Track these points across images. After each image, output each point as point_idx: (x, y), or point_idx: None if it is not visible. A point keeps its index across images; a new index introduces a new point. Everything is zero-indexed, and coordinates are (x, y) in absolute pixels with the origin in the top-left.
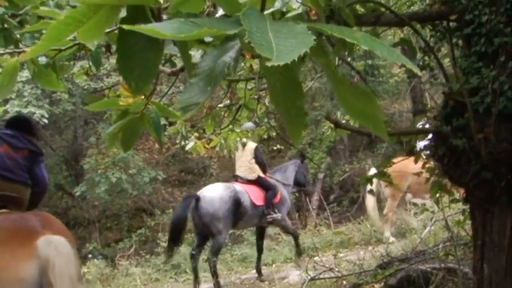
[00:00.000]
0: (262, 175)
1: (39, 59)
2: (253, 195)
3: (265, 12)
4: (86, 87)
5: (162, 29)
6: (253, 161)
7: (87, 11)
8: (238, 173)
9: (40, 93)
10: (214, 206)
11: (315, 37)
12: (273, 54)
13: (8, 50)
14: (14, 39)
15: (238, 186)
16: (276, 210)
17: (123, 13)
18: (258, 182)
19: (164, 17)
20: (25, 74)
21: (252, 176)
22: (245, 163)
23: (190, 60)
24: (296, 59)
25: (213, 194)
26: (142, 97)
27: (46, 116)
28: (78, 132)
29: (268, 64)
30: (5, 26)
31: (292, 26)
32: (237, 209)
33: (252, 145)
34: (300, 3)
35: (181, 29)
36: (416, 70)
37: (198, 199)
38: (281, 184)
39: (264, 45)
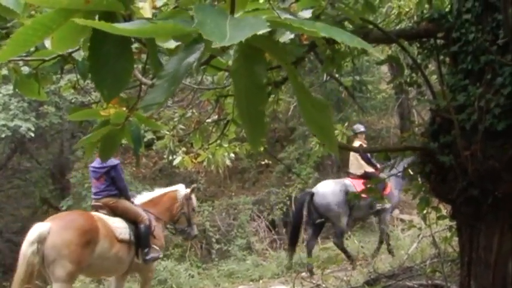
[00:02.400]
0: (369, 170)
1: (22, 68)
2: (359, 188)
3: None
4: (73, 100)
5: (129, 27)
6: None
7: (56, 17)
8: (350, 169)
9: (27, 106)
10: (327, 199)
11: (268, 24)
12: (225, 38)
13: None
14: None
15: (347, 181)
16: (386, 201)
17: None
18: (365, 177)
19: None
20: (11, 87)
21: (360, 172)
22: (354, 161)
23: (157, 60)
24: (262, 65)
25: (326, 189)
26: (124, 108)
27: (32, 129)
28: (64, 146)
29: (214, 45)
30: None
31: (251, 18)
32: (347, 200)
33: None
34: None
35: (142, 27)
36: (378, 54)
37: (312, 195)
38: (393, 178)
39: (215, 33)
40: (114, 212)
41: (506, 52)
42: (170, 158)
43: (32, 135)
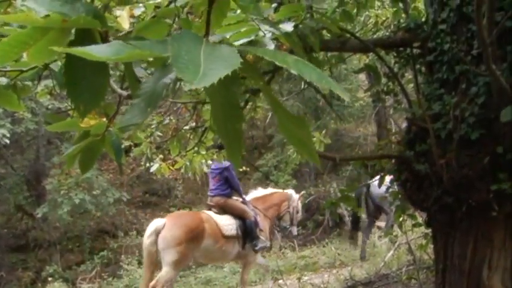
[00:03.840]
0: None
1: (0, 79)
2: None
3: (237, 43)
4: (49, 106)
5: (98, 51)
6: None
7: (33, 34)
8: None
9: (1, 112)
10: (382, 189)
11: (241, 59)
12: (197, 77)
13: None
14: None
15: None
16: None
17: (71, 35)
18: None
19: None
20: None
21: None
22: None
23: (134, 81)
24: (232, 82)
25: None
26: (104, 119)
27: (8, 135)
28: (40, 152)
29: (186, 87)
30: None
31: (225, 49)
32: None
33: None
34: (272, 38)
35: (118, 50)
36: (345, 97)
37: (369, 186)
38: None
39: (189, 69)
40: (223, 209)
41: (480, 62)
42: (147, 165)
43: (7, 141)
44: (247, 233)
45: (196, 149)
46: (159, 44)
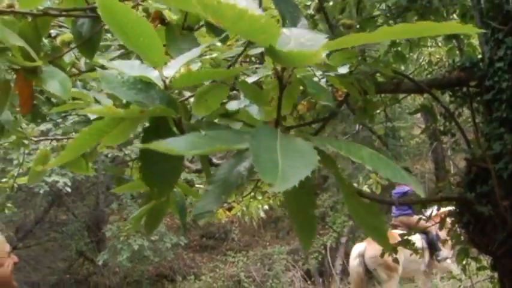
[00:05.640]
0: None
1: None
2: None
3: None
4: (109, 155)
5: (178, 145)
6: None
7: (111, 123)
8: None
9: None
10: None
11: (319, 158)
12: (276, 178)
13: (41, 138)
14: (41, 114)
15: None
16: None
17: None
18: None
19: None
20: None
21: None
22: None
23: (209, 167)
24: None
25: None
26: None
27: (69, 184)
28: (100, 198)
29: (270, 191)
30: (34, 102)
31: (300, 143)
32: None
33: None
34: (328, 85)
35: (195, 144)
36: (420, 192)
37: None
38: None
39: (268, 168)
40: (408, 227)
41: None
42: None
43: (69, 190)
44: (432, 244)
45: (252, 194)
46: (236, 136)
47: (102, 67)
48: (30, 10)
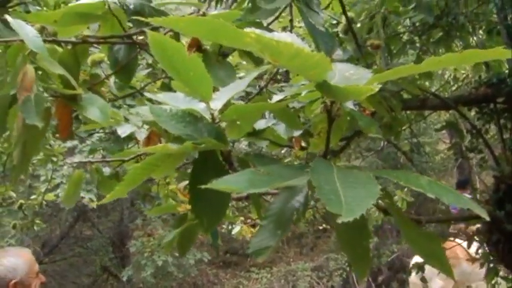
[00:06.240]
0: None
1: (104, 169)
2: None
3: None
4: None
5: (237, 184)
6: None
7: (163, 157)
8: None
9: (88, 176)
10: None
11: (380, 187)
12: (342, 209)
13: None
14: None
15: None
16: None
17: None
18: None
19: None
20: (75, 159)
21: None
22: None
23: (260, 202)
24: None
25: None
26: None
27: (94, 199)
28: (124, 214)
29: (339, 221)
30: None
31: (358, 174)
32: None
33: None
34: (355, 104)
35: (254, 182)
36: (484, 215)
37: None
38: None
39: (332, 199)
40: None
41: None
42: (229, 227)
43: (94, 206)
44: None
45: None
46: (291, 171)
47: (150, 100)
48: (69, 38)
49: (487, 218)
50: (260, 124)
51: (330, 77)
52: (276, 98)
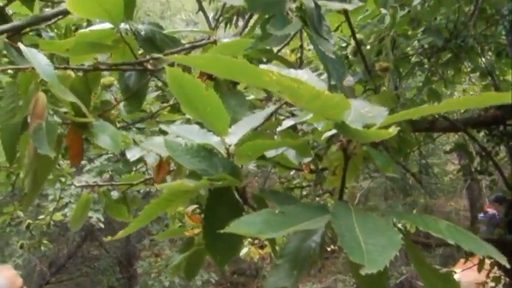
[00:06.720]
0: None
1: (112, 193)
2: None
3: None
4: (141, 190)
5: (254, 227)
6: None
7: (178, 193)
8: None
9: (95, 196)
10: None
11: (401, 235)
12: (364, 259)
13: (81, 183)
14: None
15: None
16: None
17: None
18: None
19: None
20: (83, 178)
21: None
22: None
23: (275, 244)
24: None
25: None
26: None
27: (102, 219)
28: (131, 234)
29: (362, 273)
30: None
31: (377, 220)
32: None
33: None
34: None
35: (271, 224)
36: (504, 262)
37: None
38: None
39: (354, 248)
40: None
41: None
42: None
43: (102, 226)
44: None
45: None
46: (310, 213)
47: (164, 133)
48: (81, 65)
49: (508, 266)
50: (270, 153)
51: (346, 115)
52: (286, 123)
